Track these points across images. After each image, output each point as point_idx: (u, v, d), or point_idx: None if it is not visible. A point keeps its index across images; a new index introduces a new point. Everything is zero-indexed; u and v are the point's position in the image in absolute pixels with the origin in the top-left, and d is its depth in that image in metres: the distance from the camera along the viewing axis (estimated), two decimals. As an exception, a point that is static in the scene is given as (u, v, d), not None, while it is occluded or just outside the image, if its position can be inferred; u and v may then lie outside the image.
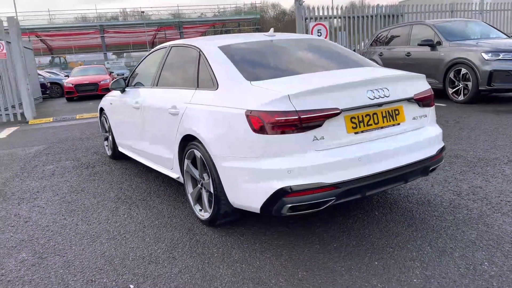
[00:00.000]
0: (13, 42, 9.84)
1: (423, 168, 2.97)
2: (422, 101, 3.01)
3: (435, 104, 3.31)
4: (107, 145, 5.69)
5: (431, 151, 3.01)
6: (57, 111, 12.76)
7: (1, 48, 9.79)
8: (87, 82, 15.94)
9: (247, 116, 2.62)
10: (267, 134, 2.54)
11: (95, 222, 3.44)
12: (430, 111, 3.12)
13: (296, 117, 2.51)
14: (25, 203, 4.04)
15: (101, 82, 15.93)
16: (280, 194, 2.54)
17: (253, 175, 2.64)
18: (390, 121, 2.85)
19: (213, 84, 3.11)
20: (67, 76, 20.39)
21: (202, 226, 3.22)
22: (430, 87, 3.15)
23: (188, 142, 3.24)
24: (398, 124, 2.89)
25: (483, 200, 3.35)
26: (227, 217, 3.06)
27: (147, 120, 4.00)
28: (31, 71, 14.90)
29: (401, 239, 2.80)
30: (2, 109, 10.26)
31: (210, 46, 3.40)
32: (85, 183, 4.57)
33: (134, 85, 4.61)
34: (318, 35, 12.23)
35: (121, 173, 4.90)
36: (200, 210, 3.26)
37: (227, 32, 48.45)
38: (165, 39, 50.93)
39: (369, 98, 2.70)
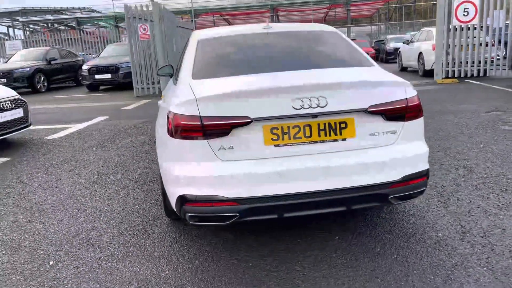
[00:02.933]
0: (155, 25, 11.14)
1: (377, 195, 2.46)
2: (387, 113, 2.46)
3: None
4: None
5: (392, 176, 2.46)
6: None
7: (146, 30, 11.21)
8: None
9: (167, 116, 2.56)
10: (174, 137, 2.45)
11: (96, 197, 3.84)
12: (405, 127, 2.52)
13: (199, 122, 2.35)
14: (74, 170, 4.72)
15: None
16: (181, 201, 2.45)
17: (169, 178, 2.59)
18: (330, 135, 2.42)
19: (178, 78, 3.09)
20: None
21: (167, 218, 3.30)
22: (409, 96, 2.52)
23: None
24: (344, 139, 2.43)
25: (486, 247, 2.59)
26: (173, 214, 3.06)
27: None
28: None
29: (320, 275, 2.41)
30: (145, 84, 11.81)
31: (194, 38, 3.36)
32: (131, 159, 5.05)
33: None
34: (464, 15, 10.57)
35: (168, 153, 5.25)
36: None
37: (399, 8, 45.14)
38: (334, 18, 50.42)
39: (293, 107, 2.34)
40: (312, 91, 2.36)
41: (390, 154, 2.48)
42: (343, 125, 2.42)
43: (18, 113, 6.08)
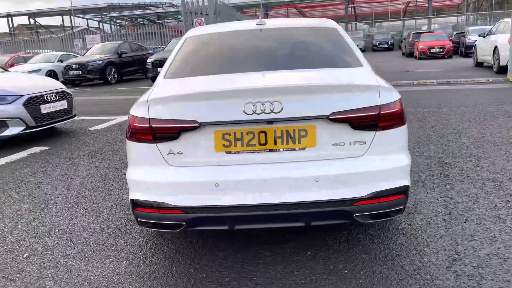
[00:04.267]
0: (210, 19, 11.27)
1: (339, 212, 2.21)
2: (353, 121, 2.19)
3: None
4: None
5: (358, 192, 2.20)
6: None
7: (201, 24, 11.37)
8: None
9: (129, 118, 2.51)
10: (130, 139, 2.39)
11: (99, 191, 3.92)
12: (377, 137, 2.23)
13: (148, 125, 2.26)
14: (95, 162, 4.88)
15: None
16: (133, 205, 2.39)
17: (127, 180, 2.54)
18: (288, 143, 2.21)
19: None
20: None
21: (150, 217, 3.27)
22: (384, 102, 2.22)
23: None
24: (303, 149, 2.21)
25: (472, 280, 2.22)
26: None
27: None
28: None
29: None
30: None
31: (185, 35, 3.28)
32: (151, 154, 5.12)
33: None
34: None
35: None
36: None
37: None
38: (415, 9, 47.60)
39: (245, 112, 2.16)
40: (266, 95, 2.16)
41: (357, 167, 2.20)
42: (302, 133, 2.20)
43: (62, 105, 6.44)
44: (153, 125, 2.24)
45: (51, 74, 16.99)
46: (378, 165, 2.22)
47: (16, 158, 5.33)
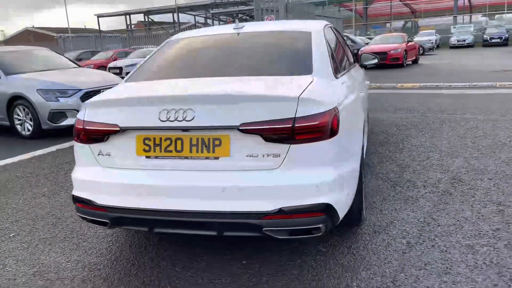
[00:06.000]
0: (280, 16, 11.31)
1: (249, 225, 2.17)
2: (264, 133, 2.11)
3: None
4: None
5: (266, 206, 2.13)
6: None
7: (272, 20, 11.44)
8: (377, 51, 15.98)
9: None
10: (74, 140, 2.59)
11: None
12: (292, 150, 2.12)
13: (82, 126, 2.43)
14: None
15: (391, 52, 15.63)
16: (73, 200, 2.58)
17: None
18: (202, 152, 2.21)
19: None
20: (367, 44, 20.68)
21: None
22: (301, 115, 2.10)
23: None
24: (216, 158, 2.20)
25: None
26: None
27: None
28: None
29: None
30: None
31: (168, 39, 3.40)
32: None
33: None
34: None
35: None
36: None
37: None
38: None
39: (160, 119, 2.21)
40: (179, 103, 2.19)
41: (267, 181, 2.13)
42: (217, 142, 2.19)
43: (118, 99, 7.00)
44: (86, 127, 2.40)
45: (145, 68, 18.36)
46: (291, 179, 2.12)
47: (67, 145, 5.96)
